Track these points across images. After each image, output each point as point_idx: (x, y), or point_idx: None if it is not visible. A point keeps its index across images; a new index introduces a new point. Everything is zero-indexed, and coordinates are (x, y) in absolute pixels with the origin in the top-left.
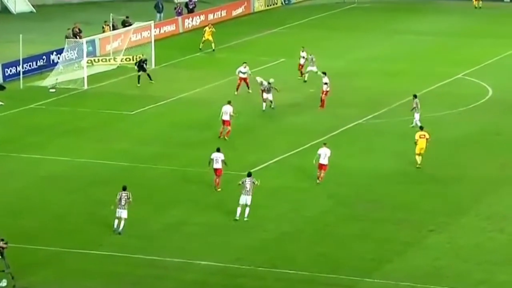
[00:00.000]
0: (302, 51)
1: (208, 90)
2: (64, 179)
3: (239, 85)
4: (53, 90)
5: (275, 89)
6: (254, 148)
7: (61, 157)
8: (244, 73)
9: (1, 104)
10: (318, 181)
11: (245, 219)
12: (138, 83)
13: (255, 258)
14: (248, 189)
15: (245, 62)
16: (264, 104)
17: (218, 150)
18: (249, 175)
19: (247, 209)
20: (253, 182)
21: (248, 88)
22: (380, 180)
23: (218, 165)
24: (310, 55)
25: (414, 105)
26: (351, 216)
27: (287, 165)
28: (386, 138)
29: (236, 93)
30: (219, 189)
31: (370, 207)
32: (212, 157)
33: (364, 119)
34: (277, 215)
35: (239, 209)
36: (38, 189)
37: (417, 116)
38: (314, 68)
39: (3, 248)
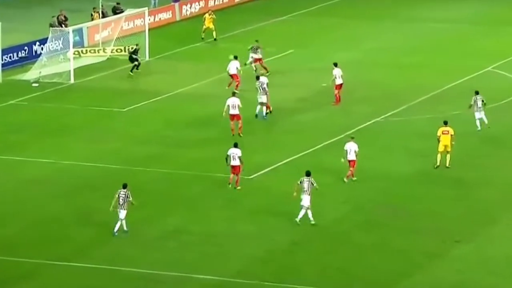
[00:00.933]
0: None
1: (209, 85)
2: (48, 183)
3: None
4: (36, 84)
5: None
6: (262, 148)
7: (45, 159)
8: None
9: None
10: (352, 179)
11: (312, 222)
12: (137, 69)
13: (260, 270)
14: (306, 189)
15: (236, 56)
16: (258, 107)
17: (235, 146)
18: (308, 174)
19: (309, 211)
20: (312, 183)
21: (237, 86)
22: (400, 184)
23: (235, 162)
24: (253, 47)
25: (472, 102)
26: (367, 223)
27: (298, 167)
28: (407, 138)
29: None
30: (239, 188)
31: (389, 214)
32: (228, 153)
33: (382, 116)
34: (285, 222)
35: (302, 212)
36: (19, 194)
37: (478, 114)
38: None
39: None
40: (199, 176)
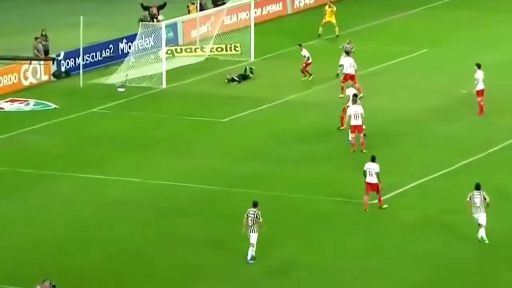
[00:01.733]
0: (302, 50)
1: (325, 90)
2: (132, 206)
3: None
4: (122, 89)
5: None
6: (388, 167)
7: (129, 177)
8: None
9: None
10: None
11: (485, 241)
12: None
13: None
14: (478, 205)
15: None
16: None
17: (372, 160)
18: (478, 188)
19: (482, 229)
20: (484, 198)
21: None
22: None
23: (372, 178)
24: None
25: None
26: None
27: (430, 191)
28: None
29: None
30: (384, 206)
31: None
32: (365, 168)
33: None
34: (414, 257)
35: (481, 231)
36: (99, 218)
37: None
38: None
39: None
40: (312, 200)
